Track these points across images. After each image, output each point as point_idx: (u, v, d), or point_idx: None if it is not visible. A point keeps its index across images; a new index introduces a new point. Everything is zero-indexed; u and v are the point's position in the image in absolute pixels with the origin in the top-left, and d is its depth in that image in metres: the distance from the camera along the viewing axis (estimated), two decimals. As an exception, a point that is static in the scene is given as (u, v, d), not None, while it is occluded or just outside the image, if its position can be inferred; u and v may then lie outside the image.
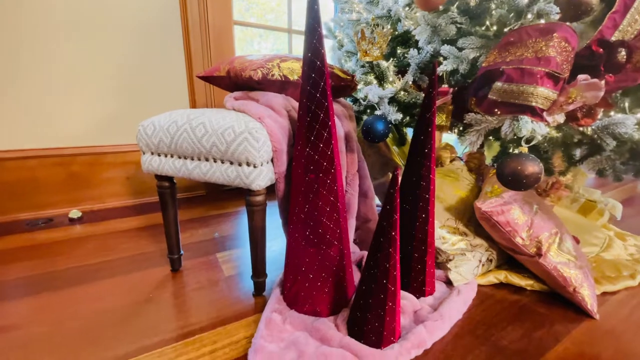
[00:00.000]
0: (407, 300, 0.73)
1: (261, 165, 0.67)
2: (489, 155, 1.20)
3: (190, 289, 0.81)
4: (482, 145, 1.29)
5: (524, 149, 0.59)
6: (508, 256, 0.89)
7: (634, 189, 1.79)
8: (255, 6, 1.92)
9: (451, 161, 1.13)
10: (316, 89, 0.62)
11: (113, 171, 1.34)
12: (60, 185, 1.25)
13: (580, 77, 0.54)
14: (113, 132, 1.32)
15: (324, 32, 1.28)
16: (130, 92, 1.33)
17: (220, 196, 1.55)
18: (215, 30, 1.43)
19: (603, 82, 0.55)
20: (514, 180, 0.57)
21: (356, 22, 1.01)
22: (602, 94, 0.54)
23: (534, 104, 0.56)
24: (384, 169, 1.14)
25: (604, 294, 0.82)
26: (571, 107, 0.57)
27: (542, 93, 0.55)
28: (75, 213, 1.22)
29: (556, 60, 0.55)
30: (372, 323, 0.60)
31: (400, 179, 0.57)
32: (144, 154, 0.78)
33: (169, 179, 0.81)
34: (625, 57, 0.54)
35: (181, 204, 1.41)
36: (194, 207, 1.39)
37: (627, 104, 0.70)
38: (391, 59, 0.90)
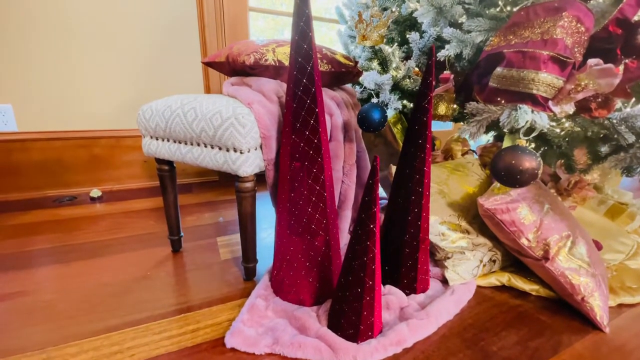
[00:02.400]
0: (394, 296, 0.71)
1: (248, 151, 0.66)
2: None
3: (185, 270, 0.84)
4: (500, 138, 1.20)
5: (522, 141, 0.53)
6: (514, 258, 0.83)
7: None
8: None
9: (463, 154, 1.07)
10: (303, 74, 0.60)
11: (132, 154, 1.41)
12: (84, 165, 1.33)
13: (591, 61, 0.47)
14: (132, 117, 1.39)
15: (336, 17, 1.24)
16: (149, 79, 1.38)
17: (232, 182, 1.58)
18: (230, 17, 1.44)
19: (621, 68, 0.48)
20: (507, 176, 0.52)
21: (365, 6, 0.97)
22: (617, 81, 0.47)
23: (535, 91, 0.50)
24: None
25: (620, 306, 0.74)
26: (580, 96, 0.50)
27: (545, 79, 0.49)
28: (95, 192, 1.30)
29: (564, 43, 0.49)
30: (349, 316, 0.59)
31: (379, 168, 0.54)
32: (144, 137, 0.81)
33: (169, 162, 0.83)
34: (648, 38, 0.47)
35: (193, 189, 1.46)
36: (206, 192, 1.43)
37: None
38: (395, 44, 0.85)
